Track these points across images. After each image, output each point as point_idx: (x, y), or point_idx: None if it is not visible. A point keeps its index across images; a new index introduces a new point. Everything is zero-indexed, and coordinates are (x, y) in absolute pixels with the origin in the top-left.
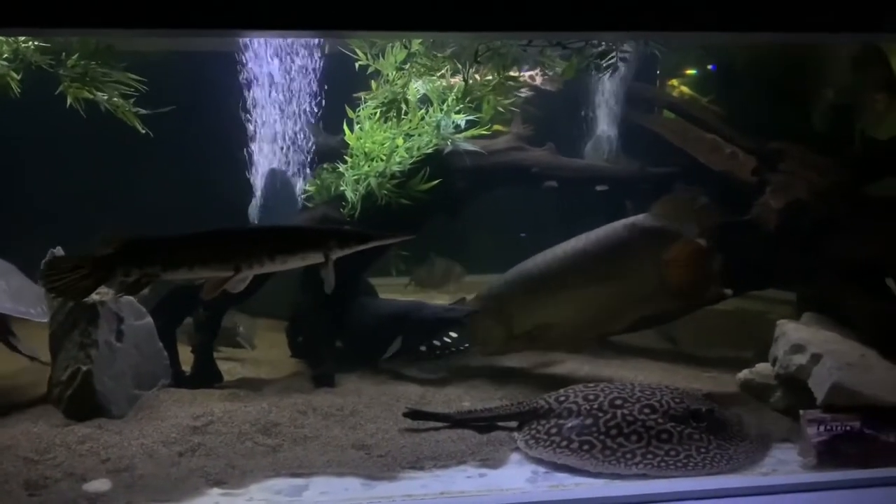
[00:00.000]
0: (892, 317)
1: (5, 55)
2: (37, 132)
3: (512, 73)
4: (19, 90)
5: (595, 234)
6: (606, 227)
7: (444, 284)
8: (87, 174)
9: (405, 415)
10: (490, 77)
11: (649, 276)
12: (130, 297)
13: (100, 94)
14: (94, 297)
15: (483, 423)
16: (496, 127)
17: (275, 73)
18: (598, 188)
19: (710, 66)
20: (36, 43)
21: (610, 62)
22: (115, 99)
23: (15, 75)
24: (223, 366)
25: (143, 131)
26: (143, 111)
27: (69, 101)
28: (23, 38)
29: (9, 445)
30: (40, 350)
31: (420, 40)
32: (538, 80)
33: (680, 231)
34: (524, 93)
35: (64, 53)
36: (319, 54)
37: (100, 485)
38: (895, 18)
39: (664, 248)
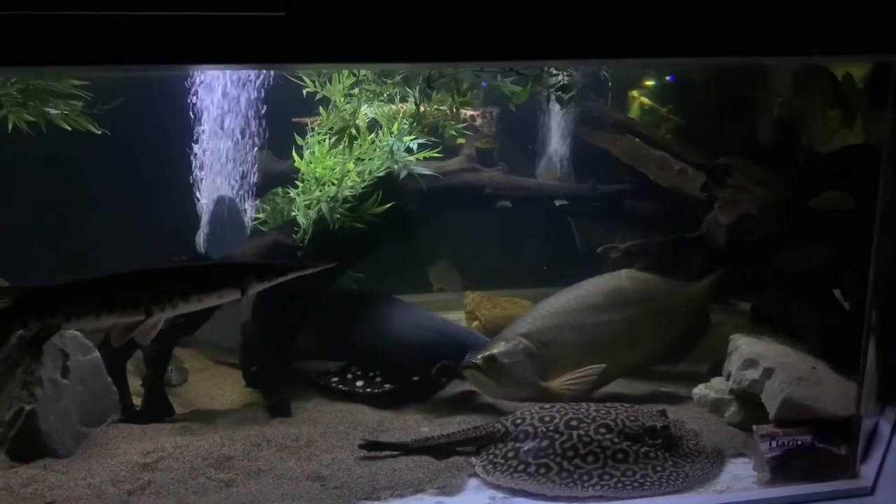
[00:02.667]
0: (841, 328)
1: None
2: None
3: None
4: None
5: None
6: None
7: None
8: (19, 203)
9: (361, 446)
10: (441, 102)
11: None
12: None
13: (47, 109)
14: None
15: (441, 449)
16: (460, 140)
17: (220, 99)
18: (558, 203)
19: (668, 77)
20: None
21: (570, 95)
22: (61, 111)
23: None
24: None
25: (100, 132)
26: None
27: (10, 125)
28: None
29: None
30: None
31: None
32: (478, 122)
33: None
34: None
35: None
36: (265, 81)
37: None
38: (823, 44)
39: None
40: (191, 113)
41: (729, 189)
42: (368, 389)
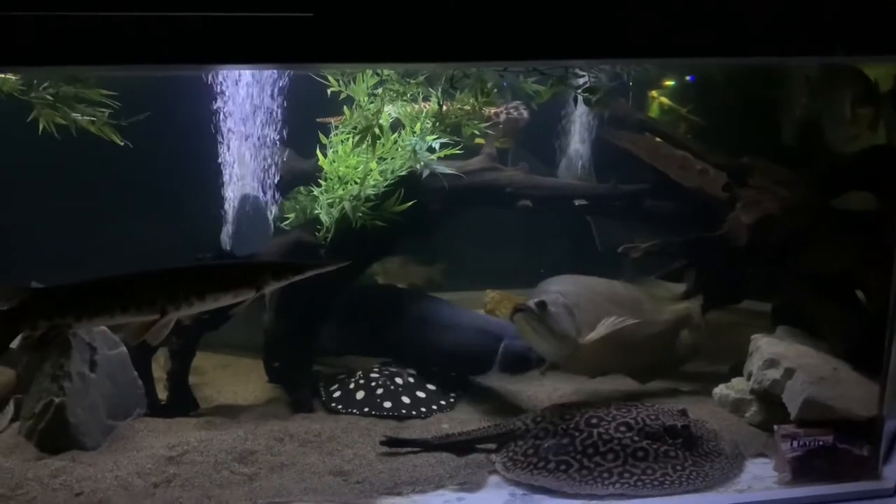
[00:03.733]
0: (863, 329)
1: None
2: None
3: (488, 108)
4: None
5: None
6: None
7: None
8: (50, 204)
9: (382, 443)
10: (464, 102)
11: None
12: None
13: (74, 114)
14: None
15: (461, 446)
16: (478, 140)
17: (246, 98)
18: (577, 203)
19: (688, 77)
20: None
21: (598, 97)
22: (88, 118)
23: None
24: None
25: (122, 143)
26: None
27: (41, 126)
28: None
29: None
30: None
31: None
32: (502, 118)
33: None
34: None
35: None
36: (288, 80)
37: None
38: (846, 43)
39: None
40: (215, 113)
41: (751, 189)
42: (367, 409)
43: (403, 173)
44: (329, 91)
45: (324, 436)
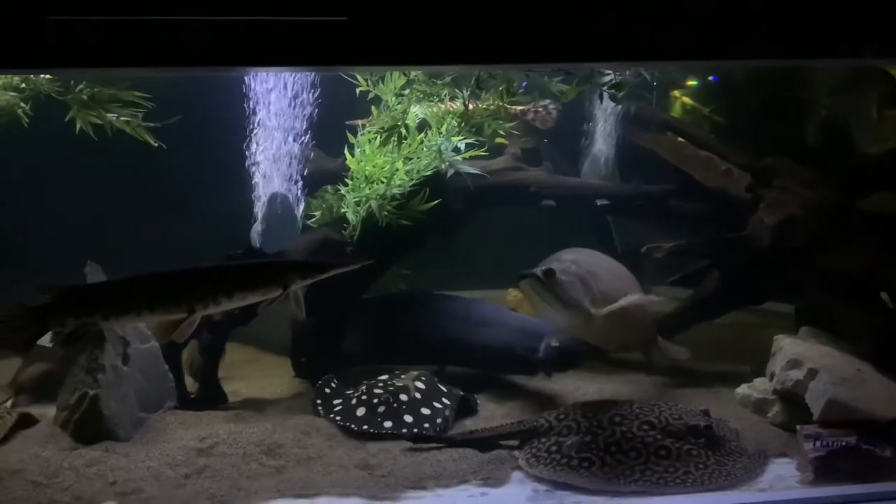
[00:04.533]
0: (887, 330)
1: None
2: (32, 160)
3: (515, 106)
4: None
5: None
6: None
7: None
8: (83, 200)
9: (408, 439)
10: (490, 102)
11: None
12: None
13: (109, 115)
14: None
15: (485, 442)
16: (499, 140)
17: (275, 98)
18: (599, 203)
19: (711, 78)
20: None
21: (623, 93)
22: (123, 118)
23: (24, 105)
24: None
25: (156, 144)
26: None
27: (78, 126)
28: None
29: (18, 470)
30: None
31: None
32: (529, 116)
33: None
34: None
35: (73, 80)
36: (318, 80)
37: None
38: (877, 44)
39: None
40: (246, 113)
41: (774, 190)
42: (366, 427)
43: (429, 173)
44: (357, 91)
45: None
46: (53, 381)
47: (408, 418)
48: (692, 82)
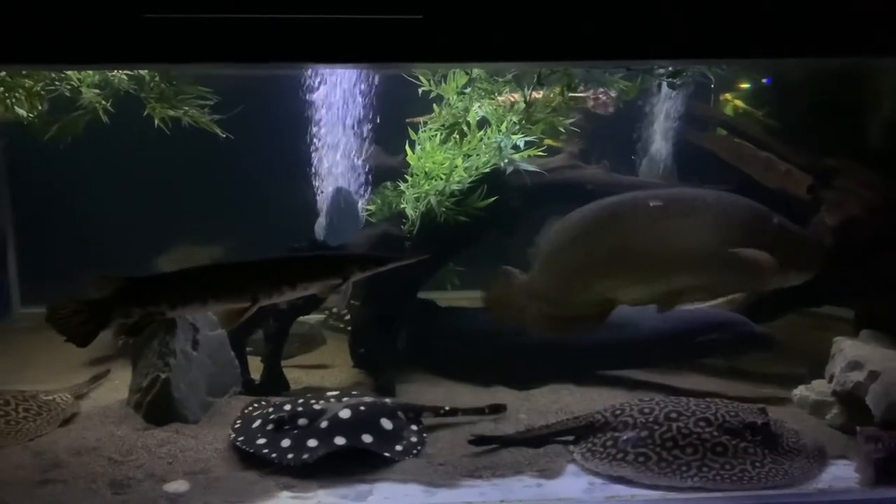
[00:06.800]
0: None
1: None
2: (110, 154)
3: (576, 94)
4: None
5: None
6: None
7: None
8: (156, 193)
9: (470, 442)
10: (551, 97)
11: None
12: None
13: (179, 110)
14: None
15: (541, 437)
16: (548, 141)
17: (338, 97)
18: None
19: (764, 80)
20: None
21: (683, 81)
22: (192, 112)
23: (104, 102)
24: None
25: (224, 136)
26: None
27: (156, 121)
28: None
29: (95, 447)
30: None
31: None
32: (590, 104)
33: None
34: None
35: (148, 76)
36: (380, 79)
37: (178, 486)
38: None
39: None
40: (310, 113)
41: (835, 191)
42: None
43: (487, 170)
44: (420, 91)
45: None
46: None
47: (312, 443)
48: (745, 85)
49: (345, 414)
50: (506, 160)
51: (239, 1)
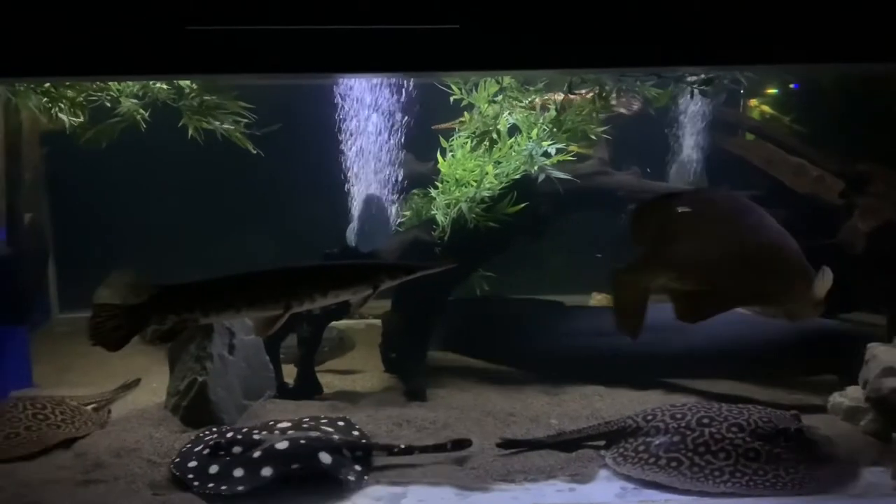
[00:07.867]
0: None
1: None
2: (149, 162)
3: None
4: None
5: None
6: None
7: None
8: (193, 200)
9: (499, 445)
10: (581, 104)
11: None
12: None
13: (216, 122)
14: None
15: (571, 442)
16: (573, 147)
17: (369, 104)
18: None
19: (792, 85)
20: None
21: (716, 88)
22: (227, 126)
23: (143, 112)
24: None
25: (255, 152)
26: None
27: (190, 131)
28: None
29: (134, 448)
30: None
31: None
32: (614, 103)
33: None
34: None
35: (187, 87)
36: (411, 87)
37: None
38: None
39: None
40: (342, 122)
41: (869, 196)
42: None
43: (517, 176)
44: (452, 99)
45: (439, 423)
46: None
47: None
48: (772, 90)
49: (282, 445)
50: (536, 167)
51: (280, 13)
